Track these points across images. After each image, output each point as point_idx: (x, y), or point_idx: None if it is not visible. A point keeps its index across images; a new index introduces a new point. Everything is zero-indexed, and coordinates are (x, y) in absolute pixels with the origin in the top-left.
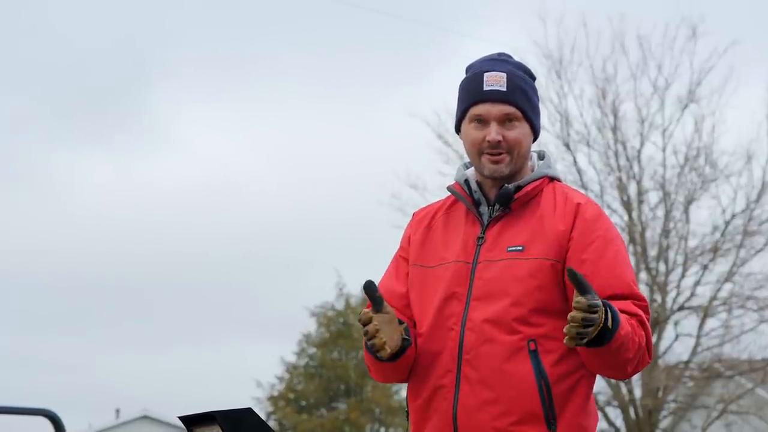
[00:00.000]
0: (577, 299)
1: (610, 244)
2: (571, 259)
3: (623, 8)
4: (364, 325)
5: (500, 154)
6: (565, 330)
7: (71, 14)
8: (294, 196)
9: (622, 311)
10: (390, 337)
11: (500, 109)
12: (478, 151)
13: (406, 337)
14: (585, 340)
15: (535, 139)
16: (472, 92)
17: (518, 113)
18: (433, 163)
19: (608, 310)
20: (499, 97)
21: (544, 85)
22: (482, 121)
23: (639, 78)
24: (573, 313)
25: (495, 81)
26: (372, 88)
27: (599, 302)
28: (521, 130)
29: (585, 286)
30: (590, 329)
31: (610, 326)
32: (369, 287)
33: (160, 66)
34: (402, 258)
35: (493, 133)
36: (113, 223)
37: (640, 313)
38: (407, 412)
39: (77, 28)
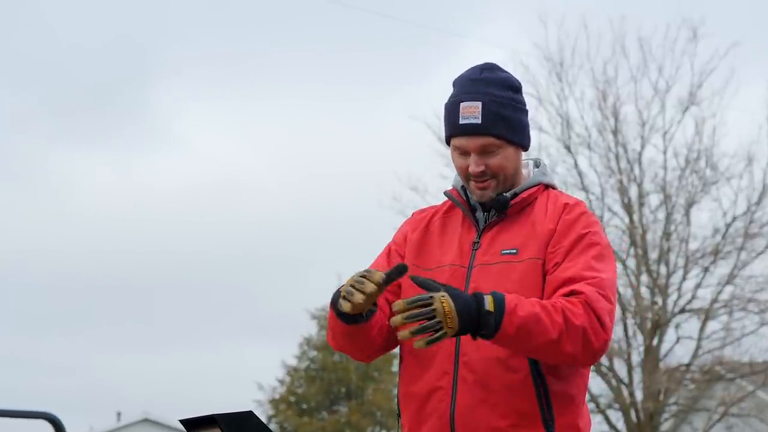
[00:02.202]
0: (394, 303)
1: (584, 239)
2: (547, 256)
3: (624, 10)
4: (370, 280)
5: (486, 180)
6: (399, 336)
7: (69, 12)
8: (294, 196)
9: (572, 292)
10: (361, 305)
11: (477, 142)
12: (465, 178)
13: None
14: (438, 334)
15: (525, 148)
16: (450, 124)
17: (497, 142)
18: (435, 165)
19: (485, 297)
20: (475, 131)
21: (544, 88)
22: (463, 152)
23: (640, 80)
24: (391, 319)
25: (470, 113)
26: (373, 88)
27: (425, 295)
28: (504, 155)
29: (425, 284)
30: (428, 323)
31: (491, 309)
32: (402, 271)
33: (160, 64)
34: (396, 252)
35: (473, 165)
36: (113, 222)
37: (585, 291)
38: (398, 414)
39: (75, 26)
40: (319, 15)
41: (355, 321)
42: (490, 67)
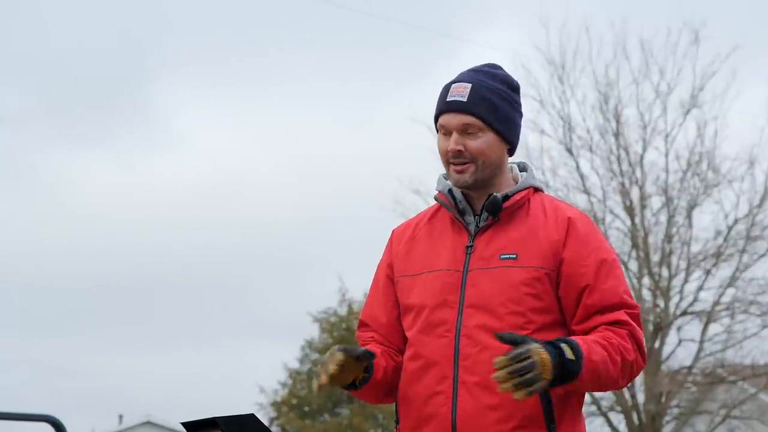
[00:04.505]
0: (496, 360)
1: (603, 256)
2: (569, 275)
3: (625, 13)
4: (330, 362)
5: (464, 163)
6: (500, 389)
7: (67, 8)
8: (296, 196)
9: (617, 322)
10: (341, 378)
11: (459, 119)
12: (446, 161)
13: (366, 374)
14: (537, 384)
15: (512, 150)
16: (438, 103)
17: (479, 123)
18: (435, 169)
19: (562, 345)
20: (459, 108)
21: (546, 90)
22: (446, 132)
23: (641, 83)
24: (495, 374)
25: (458, 92)
26: (375, 90)
27: (523, 349)
28: (484, 139)
29: (512, 340)
30: (530, 375)
31: (573, 357)
32: (369, 357)
33: (159, 61)
34: (388, 278)
35: (452, 143)
36: (112, 222)
37: (631, 322)
38: (397, 420)
39: (74, 23)
40: (321, 16)
41: (355, 387)
42: (492, 65)
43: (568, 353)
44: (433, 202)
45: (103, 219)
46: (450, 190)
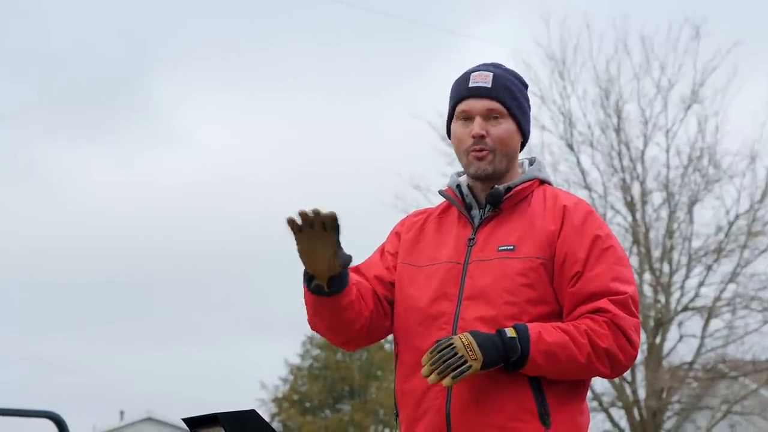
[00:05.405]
0: (423, 358)
1: (594, 244)
2: (561, 265)
3: (626, 8)
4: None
5: (484, 150)
6: (429, 382)
7: (68, 4)
8: (296, 191)
9: (597, 310)
10: (317, 257)
11: (484, 104)
12: (465, 150)
13: (335, 288)
14: (464, 367)
15: (524, 143)
16: (458, 91)
17: (502, 109)
18: (438, 164)
19: (506, 328)
20: (484, 93)
21: (547, 86)
22: (467, 117)
23: (642, 78)
24: (422, 371)
25: (481, 79)
26: (377, 86)
27: (443, 338)
28: (506, 127)
29: (437, 342)
30: (452, 359)
31: (513, 335)
32: (347, 262)
33: (160, 57)
34: (388, 252)
35: (477, 127)
36: (113, 218)
37: (613, 310)
38: (396, 413)
39: (75, 18)
40: (322, 12)
41: (321, 292)
42: (499, 63)
43: (509, 332)
44: (435, 197)
45: (103, 215)
46: (458, 186)
